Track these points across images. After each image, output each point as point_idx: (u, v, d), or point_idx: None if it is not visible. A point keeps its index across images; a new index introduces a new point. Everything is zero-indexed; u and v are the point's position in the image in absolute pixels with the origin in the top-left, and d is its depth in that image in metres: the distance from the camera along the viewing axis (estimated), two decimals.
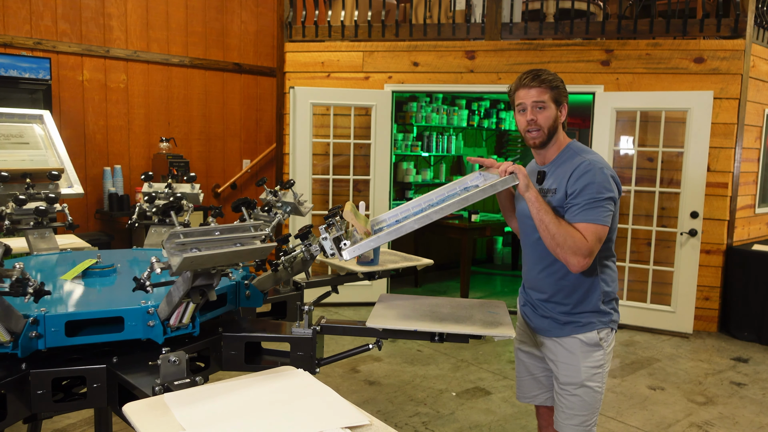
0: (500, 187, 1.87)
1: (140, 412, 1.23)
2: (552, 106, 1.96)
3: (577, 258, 1.84)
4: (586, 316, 1.99)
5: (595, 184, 1.87)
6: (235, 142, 6.39)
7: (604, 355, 2.01)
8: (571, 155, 1.98)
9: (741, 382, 4.01)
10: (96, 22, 5.32)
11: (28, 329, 1.44)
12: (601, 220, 1.86)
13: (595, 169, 1.89)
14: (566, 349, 2.02)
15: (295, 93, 5.28)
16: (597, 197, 1.86)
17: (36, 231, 2.23)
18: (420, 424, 3.27)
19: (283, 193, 2.34)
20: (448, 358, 4.32)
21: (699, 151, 4.76)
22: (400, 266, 2.58)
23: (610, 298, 2.02)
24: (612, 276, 2.04)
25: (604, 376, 2.03)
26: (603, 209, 1.87)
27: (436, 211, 1.81)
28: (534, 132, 1.97)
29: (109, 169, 5.40)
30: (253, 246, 1.41)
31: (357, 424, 1.21)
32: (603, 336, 2.00)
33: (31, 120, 2.64)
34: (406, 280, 6.77)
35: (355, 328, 1.84)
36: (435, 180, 7.29)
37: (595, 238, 1.85)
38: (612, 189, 1.90)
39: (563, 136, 2.03)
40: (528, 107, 1.97)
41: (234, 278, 1.90)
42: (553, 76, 1.96)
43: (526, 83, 1.97)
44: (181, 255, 1.27)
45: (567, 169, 1.95)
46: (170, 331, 1.56)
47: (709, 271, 4.98)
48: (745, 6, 4.78)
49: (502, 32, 5.27)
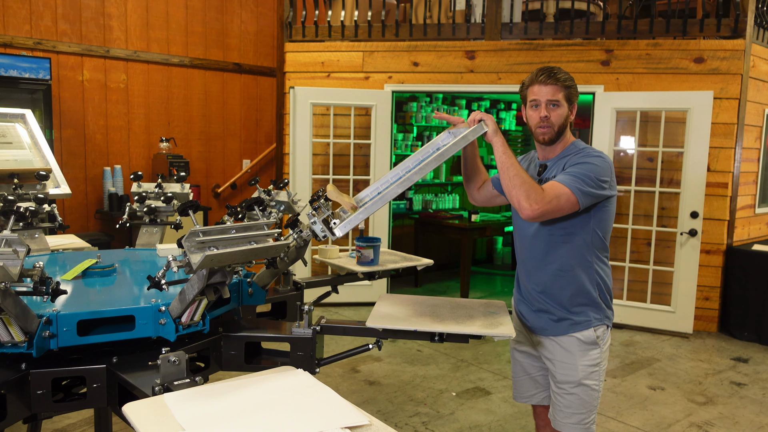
0: (471, 136, 1.92)
1: (140, 412, 1.23)
2: (565, 105, 1.98)
3: (529, 202, 1.81)
4: (581, 309, 1.99)
5: (589, 164, 1.89)
6: (235, 142, 6.39)
7: (601, 353, 2.01)
8: (576, 152, 2.00)
9: (741, 382, 4.01)
10: (96, 22, 5.32)
11: (41, 329, 1.44)
12: (571, 186, 1.84)
13: (594, 156, 1.92)
14: (563, 347, 2.02)
15: (295, 93, 5.28)
16: (584, 172, 1.87)
17: (25, 232, 2.20)
18: (420, 424, 3.27)
19: (276, 193, 2.35)
20: (448, 358, 4.32)
21: (699, 151, 4.76)
22: (400, 266, 2.58)
23: (606, 292, 2.03)
24: (606, 271, 2.04)
25: (601, 374, 2.03)
26: (582, 182, 1.85)
27: (415, 172, 1.83)
28: (545, 128, 1.99)
29: (109, 169, 5.40)
30: (267, 244, 1.46)
31: (357, 424, 1.21)
32: (600, 334, 2.01)
33: (12, 119, 2.58)
34: (406, 280, 6.77)
35: (355, 328, 1.84)
36: (435, 180, 7.29)
37: (554, 195, 1.83)
38: (606, 177, 1.90)
39: (569, 134, 2.06)
40: (542, 104, 1.98)
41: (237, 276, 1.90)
42: (567, 75, 1.98)
43: (542, 80, 1.97)
44: (203, 252, 1.31)
45: (567, 159, 1.98)
46: (182, 329, 1.57)
47: (709, 271, 4.98)
48: (745, 6, 4.78)
49: (502, 32, 5.27)
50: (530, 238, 2.05)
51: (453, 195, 7.61)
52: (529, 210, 1.82)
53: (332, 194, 1.84)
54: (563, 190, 1.84)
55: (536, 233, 2.02)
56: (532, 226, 2.02)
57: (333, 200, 1.83)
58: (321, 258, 2.77)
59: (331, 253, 2.80)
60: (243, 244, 1.42)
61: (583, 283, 1.99)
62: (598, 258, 2.01)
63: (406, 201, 7.05)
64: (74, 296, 1.72)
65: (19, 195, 2.22)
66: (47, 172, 2.32)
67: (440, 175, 7.34)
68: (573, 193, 1.85)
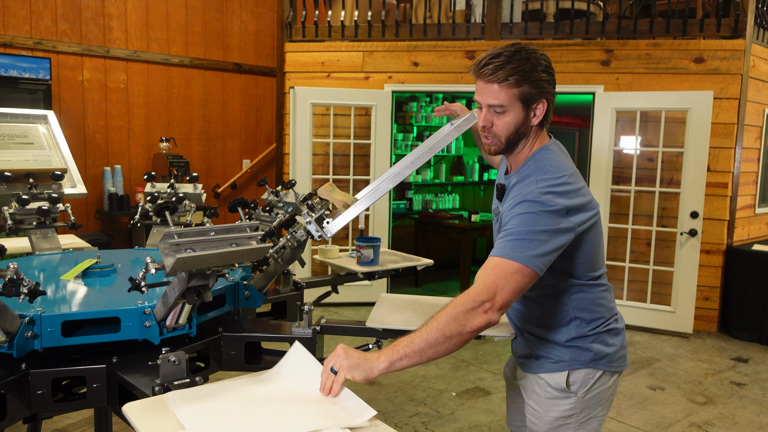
0: (464, 126, 1.80)
1: (140, 411, 1.23)
2: (517, 109, 1.47)
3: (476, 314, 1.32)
4: (556, 350, 1.58)
5: (527, 215, 1.39)
6: (235, 142, 6.39)
7: (578, 403, 1.57)
8: (531, 171, 1.51)
9: (741, 382, 4.01)
10: (96, 22, 5.32)
11: (23, 329, 1.43)
12: (517, 257, 1.35)
13: (537, 206, 1.39)
14: (533, 389, 1.63)
15: (295, 93, 5.28)
16: (526, 229, 1.38)
17: (38, 231, 2.24)
18: (420, 424, 3.27)
19: (285, 193, 2.33)
20: (448, 358, 4.32)
21: (699, 151, 4.76)
22: (400, 266, 2.58)
23: (593, 330, 1.57)
24: (596, 295, 1.57)
25: (578, 426, 1.57)
26: (529, 243, 1.36)
27: (406, 167, 1.76)
28: (489, 139, 1.53)
29: (109, 169, 5.40)
30: (249, 246, 1.40)
31: (361, 420, 1.21)
32: (577, 380, 1.56)
33: (35, 120, 2.66)
34: (406, 280, 6.77)
35: (355, 328, 1.84)
36: (435, 180, 7.29)
37: (497, 273, 1.35)
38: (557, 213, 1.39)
39: (538, 138, 1.55)
40: (483, 108, 1.50)
41: (233, 279, 1.90)
42: (522, 70, 1.42)
43: (484, 74, 1.45)
44: (175, 255, 1.26)
45: (519, 191, 1.48)
46: (166, 332, 1.55)
47: (709, 271, 4.98)
48: (745, 6, 4.78)
49: (502, 32, 5.27)
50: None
51: (453, 195, 7.61)
52: (486, 319, 1.33)
53: (323, 192, 1.82)
54: (504, 264, 1.35)
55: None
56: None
57: (324, 198, 1.81)
58: (321, 258, 2.77)
59: (331, 253, 2.80)
60: (222, 247, 1.36)
61: (557, 319, 1.57)
62: (577, 287, 1.55)
63: (406, 201, 7.05)
64: (64, 296, 1.72)
65: (34, 194, 2.25)
66: (62, 171, 2.36)
67: (440, 175, 7.34)
68: (517, 261, 1.35)
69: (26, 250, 2.33)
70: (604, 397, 1.60)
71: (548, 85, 1.48)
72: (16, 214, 2.18)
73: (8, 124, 2.53)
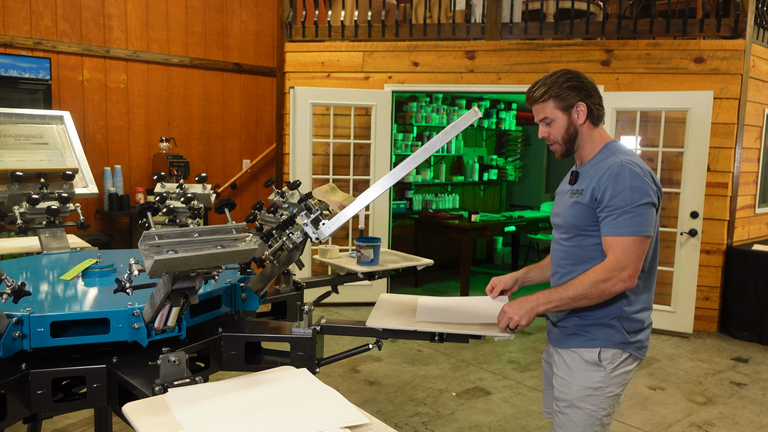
0: (462, 124, 1.66)
1: (140, 412, 1.23)
2: (559, 116, 1.85)
3: (614, 282, 1.69)
4: (592, 330, 1.83)
5: (628, 189, 1.72)
6: (235, 142, 6.39)
7: (606, 377, 1.82)
8: (607, 155, 1.85)
9: (741, 382, 4.01)
10: (96, 22, 5.32)
11: (11, 329, 1.43)
12: (635, 231, 1.70)
13: (626, 171, 1.73)
14: (564, 362, 1.89)
15: (295, 93, 5.28)
16: (630, 204, 1.71)
17: (48, 230, 2.27)
18: (420, 424, 3.27)
19: (291, 194, 2.31)
20: (448, 358, 4.32)
21: (699, 151, 4.76)
22: (400, 266, 2.58)
23: (630, 319, 1.82)
24: (637, 294, 1.83)
25: (603, 399, 1.82)
26: (638, 217, 1.70)
27: (401, 167, 1.70)
28: (552, 145, 1.92)
29: (109, 169, 5.40)
30: (234, 248, 1.35)
31: (357, 424, 1.21)
32: (607, 356, 1.82)
33: (51, 121, 2.71)
34: (406, 280, 6.77)
35: (355, 328, 1.84)
36: (435, 180, 7.29)
37: (626, 251, 1.70)
38: (649, 192, 1.73)
39: (597, 134, 1.90)
40: (539, 123, 1.92)
41: (229, 281, 1.88)
42: (548, 86, 1.83)
43: (528, 102, 1.91)
44: (154, 257, 1.22)
45: (599, 169, 1.82)
46: (155, 334, 1.53)
47: (709, 271, 4.98)
48: (745, 6, 4.78)
49: (502, 32, 5.27)
50: (554, 248, 1.97)
51: (453, 195, 7.60)
52: (622, 286, 1.70)
53: (318, 194, 1.81)
54: (625, 242, 1.71)
55: (558, 244, 1.93)
56: (557, 231, 1.93)
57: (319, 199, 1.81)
58: (321, 258, 2.77)
59: (331, 253, 2.80)
60: (206, 248, 1.32)
61: (601, 304, 1.81)
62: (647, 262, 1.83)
63: (406, 201, 7.05)
64: (57, 297, 1.71)
65: (45, 194, 2.26)
66: (73, 171, 2.38)
67: (440, 175, 7.34)
68: (636, 236, 1.71)
69: (36, 249, 2.35)
70: (626, 379, 1.86)
71: (576, 91, 1.83)
72: (27, 213, 2.20)
73: (25, 125, 2.57)
